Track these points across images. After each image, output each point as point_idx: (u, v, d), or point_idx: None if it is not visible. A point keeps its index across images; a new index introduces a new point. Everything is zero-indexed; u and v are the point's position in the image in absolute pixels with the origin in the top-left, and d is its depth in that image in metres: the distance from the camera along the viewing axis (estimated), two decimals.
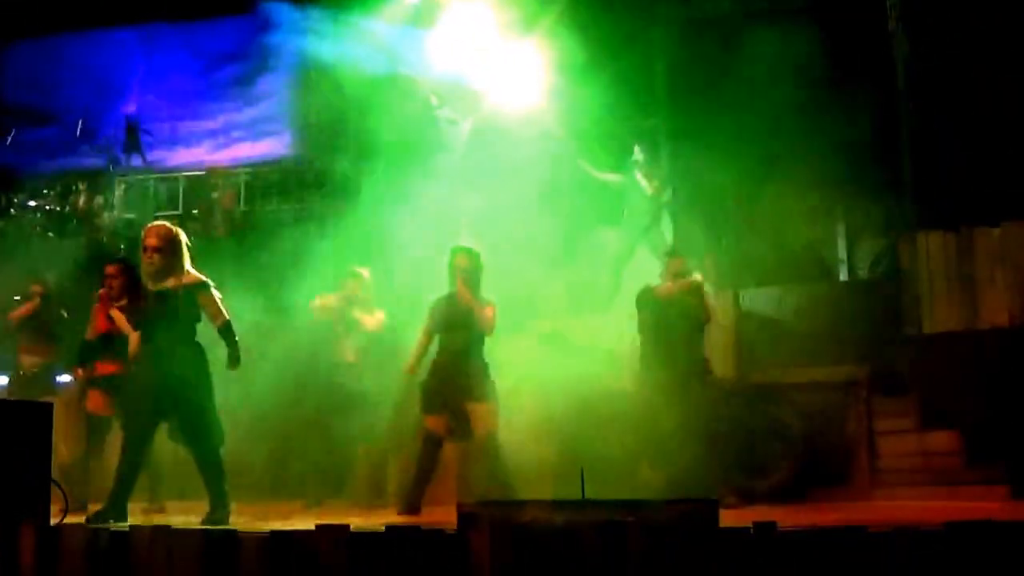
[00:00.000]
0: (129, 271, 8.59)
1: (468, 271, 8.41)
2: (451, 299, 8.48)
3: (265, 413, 9.54)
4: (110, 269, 8.79)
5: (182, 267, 7.30)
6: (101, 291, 8.76)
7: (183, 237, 7.38)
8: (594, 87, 10.87)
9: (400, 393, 9.24)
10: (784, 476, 9.12)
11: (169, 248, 7.26)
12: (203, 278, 7.34)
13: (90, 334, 8.83)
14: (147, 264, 7.27)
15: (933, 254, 9.56)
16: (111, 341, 8.61)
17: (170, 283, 7.24)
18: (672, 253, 9.46)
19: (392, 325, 9.51)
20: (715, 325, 9.30)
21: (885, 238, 10.78)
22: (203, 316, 7.36)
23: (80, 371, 8.90)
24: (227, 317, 7.35)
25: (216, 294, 7.35)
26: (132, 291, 8.33)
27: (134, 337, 7.67)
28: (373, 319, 9.44)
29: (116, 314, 8.56)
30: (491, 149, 11.54)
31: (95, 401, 8.72)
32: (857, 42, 10.61)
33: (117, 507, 7.05)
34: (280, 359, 9.45)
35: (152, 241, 7.25)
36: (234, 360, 7.32)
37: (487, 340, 8.50)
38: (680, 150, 11.37)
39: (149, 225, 7.53)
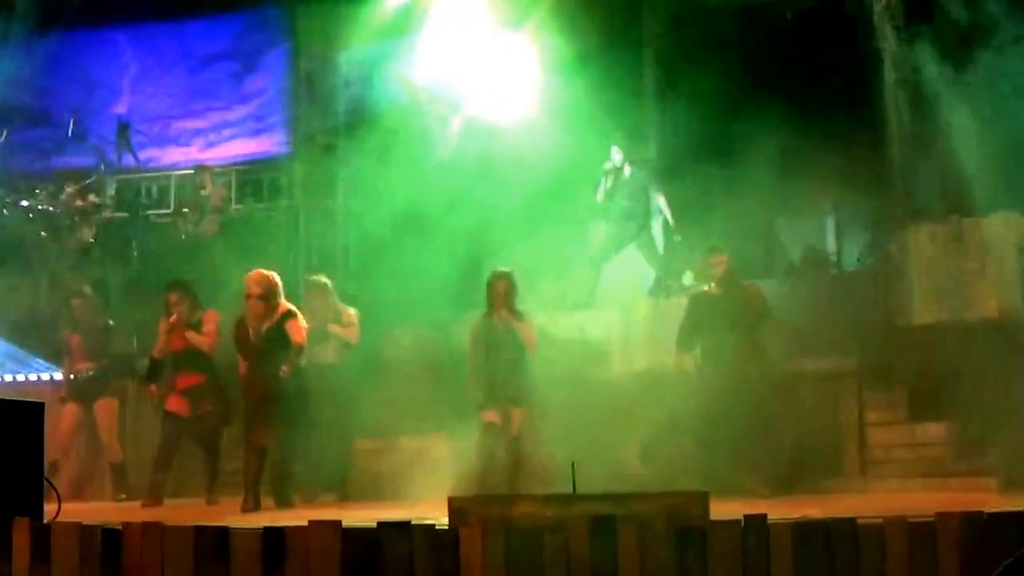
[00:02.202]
0: (190, 294, 9.85)
1: (507, 294, 9.26)
2: (489, 318, 9.28)
3: None
4: (173, 297, 9.82)
5: (279, 305, 8.87)
6: (173, 319, 9.73)
7: (278, 280, 8.93)
8: (583, 81, 10.87)
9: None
10: (774, 468, 9.14)
11: (270, 294, 8.85)
12: (290, 309, 8.93)
13: (159, 352, 9.86)
14: (252, 309, 8.85)
15: (923, 245, 9.55)
16: (189, 357, 9.75)
17: (266, 324, 8.86)
18: (715, 249, 9.64)
19: (366, 318, 9.95)
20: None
21: (875, 229, 10.78)
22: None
23: (153, 388, 9.97)
24: (296, 340, 8.83)
25: (300, 321, 8.92)
26: (194, 309, 9.80)
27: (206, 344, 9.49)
28: (348, 328, 9.82)
29: (191, 335, 9.73)
30: (480, 145, 11.56)
31: (178, 404, 9.70)
32: (846, 35, 10.64)
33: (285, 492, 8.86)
34: None
35: (256, 291, 8.82)
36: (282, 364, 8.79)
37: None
38: (669, 142, 11.39)
39: (250, 275, 8.94)
